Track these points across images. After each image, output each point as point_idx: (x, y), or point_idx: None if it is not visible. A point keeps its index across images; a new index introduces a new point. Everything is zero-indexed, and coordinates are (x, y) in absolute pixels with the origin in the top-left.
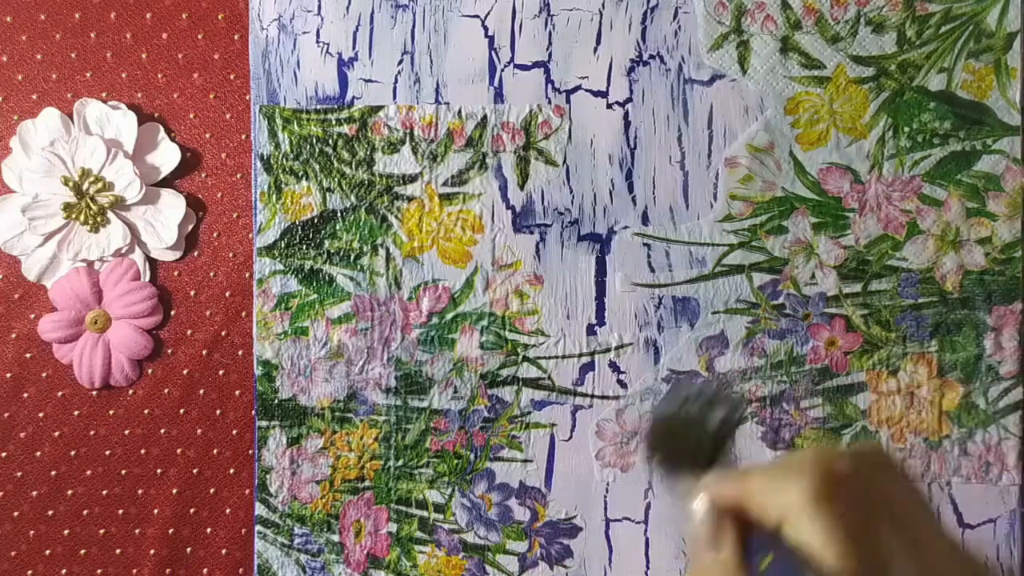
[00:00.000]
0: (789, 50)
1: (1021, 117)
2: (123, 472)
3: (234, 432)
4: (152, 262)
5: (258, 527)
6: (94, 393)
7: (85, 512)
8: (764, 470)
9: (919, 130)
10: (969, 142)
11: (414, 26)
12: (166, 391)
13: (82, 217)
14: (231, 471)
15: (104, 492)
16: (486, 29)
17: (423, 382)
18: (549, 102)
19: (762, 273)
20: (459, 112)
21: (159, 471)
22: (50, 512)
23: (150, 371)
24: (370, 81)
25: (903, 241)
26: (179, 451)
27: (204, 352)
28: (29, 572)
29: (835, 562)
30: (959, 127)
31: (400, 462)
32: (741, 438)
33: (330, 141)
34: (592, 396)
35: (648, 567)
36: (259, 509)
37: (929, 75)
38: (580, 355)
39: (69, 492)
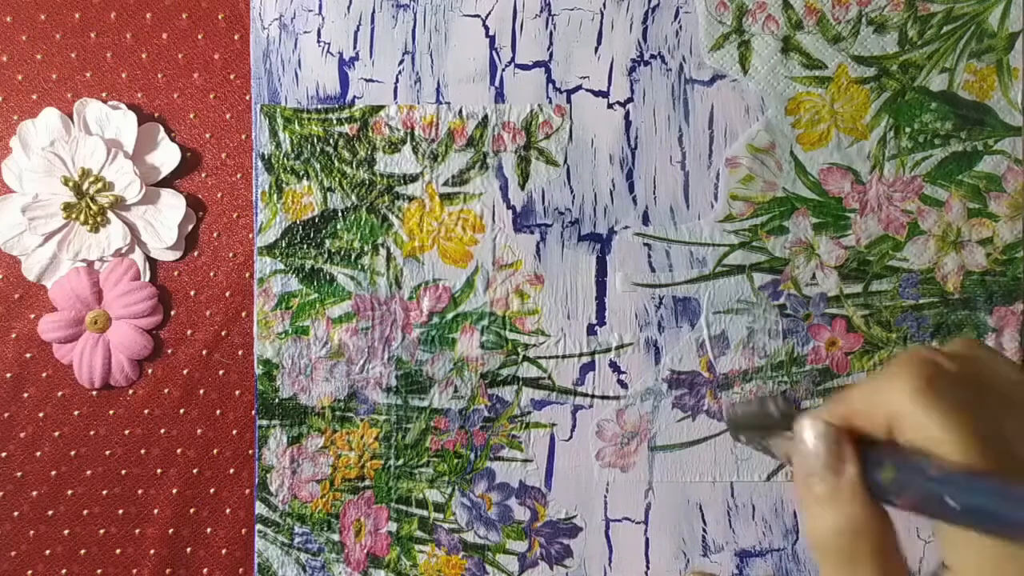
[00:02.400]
0: (790, 50)
1: (1023, 117)
2: (123, 472)
3: (234, 432)
4: (152, 262)
5: (258, 526)
6: (94, 393)
7: (85, 512)
8: (861, 383)
9: (920, 130)
10: (970, 143)
11: (415, 26)
12: (166, 391)
13: (82, 217)
14: (231, 471)
15: (104, 492)
16: (487, 29)
17: (423, 381)
18: (550, 102)
19: (763, 273)
20: (460, 112)
21: (159, 471)
22: (50, 512)
23: (150, 371)
24: (371, 81)
25: (904, 242)
26: (179, 451)
27: (204, 352)
28: (29, 572)
29: (960, 455)
30: (960, 127)
31: (400, 461)
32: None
33: (331, 141)
34: (592, 396)
35: (648, 567)
36: (260, 508)
37: (931, 75)
38: (580, 355)
39: (69, 492)
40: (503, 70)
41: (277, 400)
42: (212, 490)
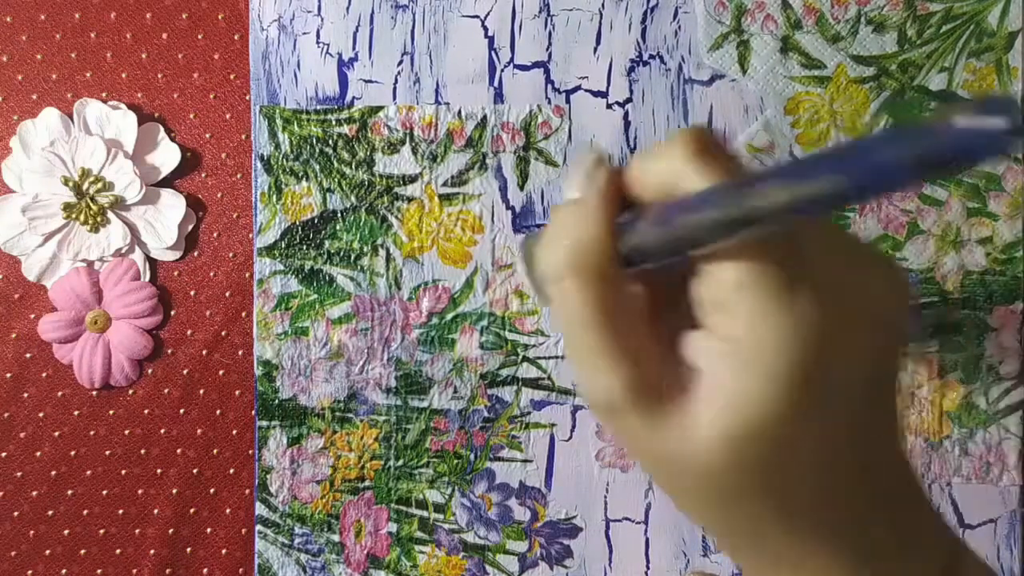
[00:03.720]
0: (789, 50)
1: (1022, 116)
2: (123, 472)
3: (234, 432)
4: (152, 262)
5: (259, 527)
6: (94, 393)
7: (85, 512)
8: (639, 154)
9: None
10: None
11: (414, 26)
12: (166, 391)
13: (82, 217)
14: (231, 471)
15: (104, 492)
16: (486, 29)
17: (423, 382)
18: (549, 102)
19: None
20: (459, 112)
21: (159, 471)
22: (50, 512)
23: (150, 371)
24: (370, 82)
25: (904, 241)
26: (179, 451)
27: (204, 352)
28: (29, 572)
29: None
30: None
31: (400, 462)
32: None
33: (330, 141)
34: None
35: (648, 567)
36: (260, 509)
37: (930, 75)
38: None
39: (69, 492)
40: (502, 71)
41: (277, 401)
42: (212, 490)
